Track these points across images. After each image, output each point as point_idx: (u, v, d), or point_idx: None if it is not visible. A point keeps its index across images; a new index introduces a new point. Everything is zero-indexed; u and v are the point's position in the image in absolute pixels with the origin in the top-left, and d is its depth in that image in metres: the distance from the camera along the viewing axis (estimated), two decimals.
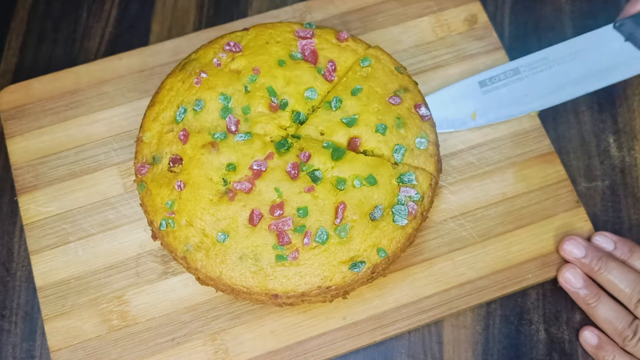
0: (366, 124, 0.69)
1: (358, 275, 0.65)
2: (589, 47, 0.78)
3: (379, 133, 0.68)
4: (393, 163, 0.68)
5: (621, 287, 0.69)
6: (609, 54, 0.77)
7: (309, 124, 0.69)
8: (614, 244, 0.72)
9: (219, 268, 0.65)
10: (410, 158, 0.68)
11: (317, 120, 0.69)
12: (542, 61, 0.78)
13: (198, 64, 0.73)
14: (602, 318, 0.70)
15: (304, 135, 0.69)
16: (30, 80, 0.82)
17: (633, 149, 0.82)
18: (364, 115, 0.69)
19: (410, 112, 0.71)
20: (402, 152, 0.68)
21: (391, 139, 0.69)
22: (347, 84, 0.71)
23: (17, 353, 0.73)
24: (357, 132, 0.68)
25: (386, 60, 0.74)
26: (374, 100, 0.70)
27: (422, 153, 0.69)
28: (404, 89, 0.72)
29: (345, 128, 0.68)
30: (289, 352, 0.70)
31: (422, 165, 0.68)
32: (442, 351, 0.73)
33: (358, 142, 0.68)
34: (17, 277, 0.76)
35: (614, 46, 0.77)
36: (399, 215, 0.66)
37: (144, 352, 0.70)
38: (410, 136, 0.69)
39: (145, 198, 0.69)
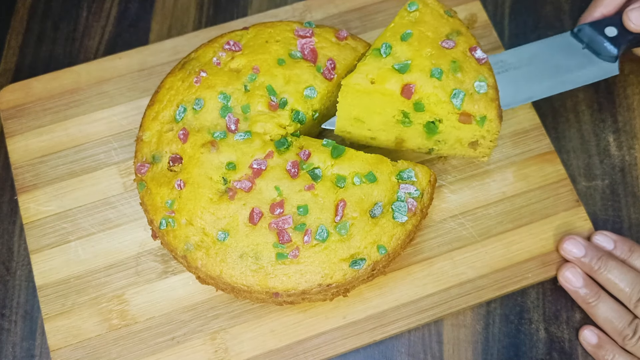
0: (420, 69, 0.65)
1: (358, 273, 0.65)
2: (546, 53, 0.76)
3: (434, 78, 0.65)
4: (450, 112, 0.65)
5: (621, 286, 0.69)
6: (567, 60, 0.76)
7: (357, 72, 0.65)
8: (614, 243, 0.72)
9: (219, 267, 0.65)
10: (470, 103, 0.65)
11: (367, 69, 0.65)
12: (498, 64, 0.76)
13: (198, 63, 0.73)
14: (602, 317, 0.70)
15: (352, 84, 0.66)
16: (30, 80, 0.82)
17: (633, 148, 0.82)
18: (417, 61, 0.66)
19: (465, 55, 0.68)
20: (461, 97, 0.65)
21: (448, 83, 0.65)
22: (395, 29, 0.68)
23: (17, 352, 0.73)
24: (410, 79, 0.65)
25: (434, 5, 0.70)
26: (426, 44, 0.67)
27: (482, 97, 0.66)
28: (456, 32, 0.69)
29: (397, 75, 0.65)
30: (289, 351, 0.70)
31: (483, 111, 0.65)
32: (442, 350, 0.73)
33: (412, 88, 0.65)
34: (17, 276, 0.76)
35: (572, 52, 0.76)
36: (399, 212, 0.66)
37: (144, 351, 0.70)
38: (468, 80, 0.66)
39: (145, 197, 0.69)
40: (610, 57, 0.75)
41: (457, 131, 0.68)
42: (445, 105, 0.65)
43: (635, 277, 0.69)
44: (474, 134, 0.68)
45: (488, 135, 0.68)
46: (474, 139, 0.69)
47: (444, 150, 0.72)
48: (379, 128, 0.70)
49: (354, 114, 0.69)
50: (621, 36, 0.74)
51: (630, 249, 0.71)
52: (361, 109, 0.68)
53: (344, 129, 0.72)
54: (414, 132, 0.70)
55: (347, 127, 0.71)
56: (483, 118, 0.66)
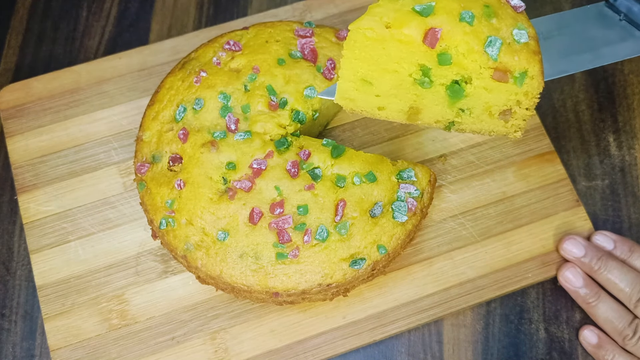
0: (447, 11, 0.54)
1: (358, 273, 0.65)
2: (579, 23, 0.67)
3: (465, 22, 0.54)
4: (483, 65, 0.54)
5: (621, 286, 0.69)
6: (604, 32, 0.67)
7: (369, 14, 0.54)
8: (614, 243, 0.72)
9: (219, 267, 0.65)
10: (509, 54, 0.54)
11: (380, 10, 0.54)
12: None
13: (198, 62, 0.73)
14: (602, 317, 0.70)
15: (362, 30, 0.54)
16: (30, 79, 0.82)
17: (633, 148, 0.82)
18: (443, 3, 0.54)
19: (499, 1, 0.57)
20: (498, 46, 0.54)
21: (481, 30, 0.54)
22: None
23: (17, 352, 0.73)
24: (435, 22, 0.54)
25: None
26: None
27: (523, 48, 0.55)
28: None
29: (419, 18, 0.54)
30: (289, 351, 0.70)
31: (524, 65, 0.54)
32: (442, 350, 0.73)
33: (438, 33, 0.53)
34: (17, 276, 0.76)
35: (608, 24, 0.67)
36: (399, 211, 0.66)
37: (144, 351, 0.70)
38: (505, 28, 0.55)
39: (145, 197, 0.69)
40: None
41: (487, 95, 0.57)
42: (477, 57, 0.54)
43: (635, 277, 0.69)
44: (509, 97, 0.57)
45: (525, 100, 0.57)
46: (507, 105, 0.58)
47: (468, 124, 0.61)
48: (390, 93, 0.59)
49: (361, 72, 0.58)
50: None
51: (630, 249, 0.71)
52: (370, 66, 0.57)
53: (346, 95, 0.60)
54: (433, 97, 0.59)
55: (351, 91, 0.60)
56: (523, 74, 0.55)
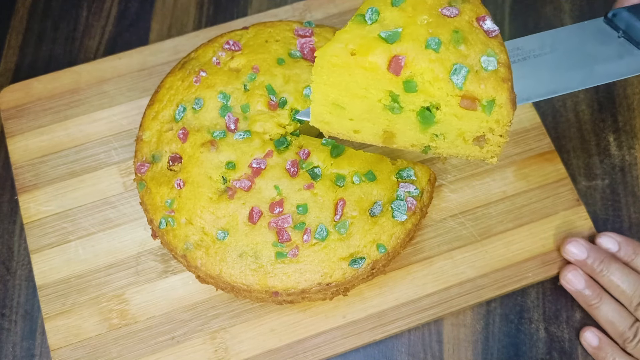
0: (413, 38, 0.53)
1: (358, 272, 0.65)
2: (574, 40, 0.64)
3: (431, 50, 0.53)
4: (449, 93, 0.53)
5: (623, 288, 0.69)
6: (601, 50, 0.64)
7: (335, 41, 0.54)
8: (619, 245, 0.72)
9: (218, 266, 0.65)
10: (475, 82, 0.53)
11: (347, 37, 0.54)
12: (515, 52, 0.64)
13: (197, 62, 0.73)
14: (603, 319, 0.70)
15: (327, 56, 0.53)
16: (31, 80, 0.82)
17: (633, 148, 0.82)
18: (410, 29, 0.53)
19: (471, 25, 0.56)
20: (464, 74, 0.52)
21: (447, 57, 0.53)
22: None
23: (17, 352, 0.73)
24: (400, 49, 0.53)
25: None
26: (422, 11, 0.55)
27: (490, 76, 0.53)
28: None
29: (384, 45, 0.53)
30: (289, 351, 0.70)
31: (491, 93, 0.53)
32: (442, 350, 0.73)
33: (402, 61, 0.52)
34: (17, 276, 0.76)
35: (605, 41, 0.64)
36: (399, 210, 0.66)
37: (144, 351, 0.70)
38: (474, 55, 0.54)
39: (145, 197, 0.69)
40: None
41: (458, 121, 0.56)
42: (443, 84, 0.53)
43: (637, 279, 0.69)
44: (480, 125, 0.56)
45: (497, 127, 0.56)
46: (480, 132, 0.57)
47: (444, 149, 0.60)
48: (362, 117, 0.58)
49: (332, 97, 0.57)
50: None
51: (635, 250, 0.71)
52: (340, 91, 0.56)
53: (321, 118, 0.60)
54: (405, 122, 0.58)
55: (325, 115, 0.59)
56: (491, 102, 0.54)
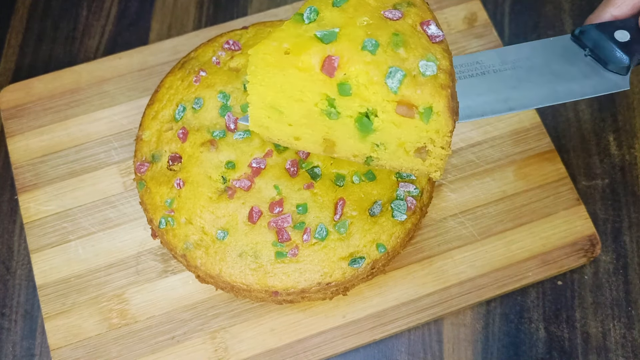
0: (349, 39, 0.51)
1: (358, 271, 0.65)
2: (537, 57, 0.62)
3: (367, 51, 0.50)
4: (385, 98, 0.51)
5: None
6: (564, 68, 0.61)
7: (269, 39, 0.52)
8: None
9: (218, 266, 0.65)
10: (412, 87, 0.50)
11: (281, 35, 0.52)
12: (473, 65, 0.62)
13: (197, 62, 0.73)
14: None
15: (260, 55, 0.52)
16: (31, 79, 0.82)
17: (633, 148, 0.82)
18: (348, 29, 0.51)
19: (414, 30, 0.53)
20: (399, 78, 0.50)
21: (384, 60, 0.51)
22: None
23: (17, 351, 0.73)
24: (335, 50, 0.50)
25: None
26: (364, 12, 0.52)
27: (428, 82, 0.51)
28: (407, 2, 0.54)
29: (320, 44, 0.51)
30: (289, 350, 0.70)
31: (428, 100, 0.50)
32: (442, 349, 0.73)
33: (336, 62, 0.50)
34: (17, 276, 0.76)
35: (570, 59, 0.62)
36: (398, 210, 0.66)
37: (144, 350, 0.70)
38: (413, 59, 0.51)
39: (144, 196, 0.69)
40: (619, 68, 0.61)
41: (397, 130, 0.53)
42: (378, 88, 0.51)
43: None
44: (420, 134, 0.53)
45: (437, 138, 0.53)
46: (421, 142, 0.54)
47: (385, 160, 0.57)
48: (301, 123, 0.56)
49: (269, 99, 0.55)
50: (636, 42, 0.60)
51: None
52: (276, 92, 0.54)
53: (259, 123, 0.57)
54: (344, 130, 0.55)
55: (263, 119, 0.57)
56: (428, 110, 0.51)
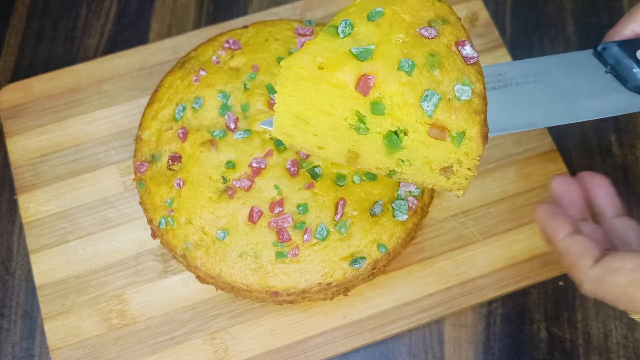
0: (385, 58, 0.49)
1: (358, 272, 0.65)
2: (559, 71, 0.61)
3: (403, 72, 0.49)
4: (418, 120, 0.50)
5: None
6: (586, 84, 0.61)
7: (303, 52, 0.50)
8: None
9: (218, 266, 0.65)
10: (446, 112, 0.49)
11: (316, 49, 0.50)
12: (496, 77, 0.61)
13: (197, 61, 0.73)
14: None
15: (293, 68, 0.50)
16: (30, 79, 0.82)
17: (634, 147, 0.81)
18: (384, 47, 0.50)
19: (449, 50, 0.52)
20: (435, 101, 0.49)
21: (420, 81, 0.49)
22: (362, 5, 0.52)
23: (16, 352, 0.73)
24: (371, 68, 0.49)
25: None
26: (399, 29, 0.51)
27: (463, 106, 0.50)
28: (442, 19, 0.53)
29: (355, 61, 0.49)
30: (289, 351, 0.70)
31: (462, 125, 0.50)
32: (443, 350, 0.72)
33: (371, 81, 0.49)
34: (16, 276, 0.76)
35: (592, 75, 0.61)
36: (399, 210, 0.66)
37: (144, 351, 0.70)
38: (448, 81, 0.50)
39: (144, 196, 0.69)
40: (638, 87, 0.60)
41: (426, 149, 0.53)
42: (412, 110, 0.50)
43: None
44: (448, 155, 0.53)
45: (466, 160, 0.53)
46: (448, 162, 0.53)
47: (409, 175, 0.56)
48: (327, 134, 0.55)
49: (296, 110, 0.54)
50: None
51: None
52: (305, 105, 0.53)
53: (284, 130, 0.56)
54: (370, 144, 0.54)
55: (288, 127, 0.56)
56: (461, 134, 0.50)
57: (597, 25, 0.82)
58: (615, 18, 0.79)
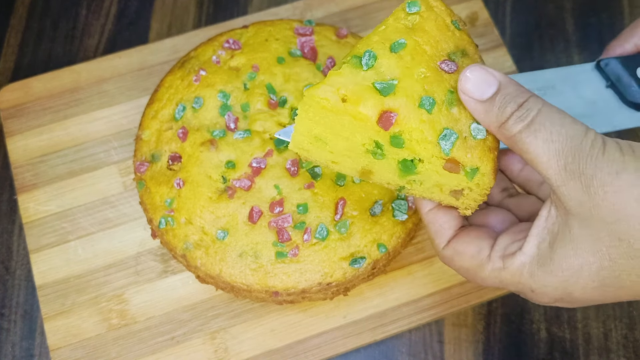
0: (407, 94, 0.50)
1: (358, 271, 0.65)
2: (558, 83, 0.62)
3: (423, 109, 0.50)
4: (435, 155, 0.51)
5: None
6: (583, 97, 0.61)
7: (327, 83, 0.50)
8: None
9: (218, 266, 0.65)
10: (462, 150, 0.50)
11: (340, 81, 0.50)
12: None
13: (197, 61, 0.73)
14: None
15: (317, 99, 0.50)
16: (30, 79, 0.82)
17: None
18: (406, 82, 0.50)
19: None
20: (452, 141, 0.50)
21: (439, 119, 0.50)
22: (385, 35, 0.52)
23: (16, 352, 0.73)
24: (393, 104, 0.49)
25: (440, 10, 0.54)
26: (421, 62, 0.51)
27: (478, 145, 0.51)
28: (461, 51, 0.53)
29: (378, 96, 0.49)
30: (289, 351, 0.70)
31: (476, 162, 0.51)
32: (443, 350, 0.72)
33: (393, 118, 0.49)
34: (16, 276, 0.76)
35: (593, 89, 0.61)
36: (399, 210, 0.66)
37: (144, 351, 0.70)
38: (465, 120, 0.51)
39: (144, 196, 0.69)
40: (635, 105, 0.60)
41: (438, 176, 0.54)
42: (430, 147, 0.51)
43: None
44: (460, 183, 0.54)
45: (476, 189, 0.54)
46: (458, 187, 0.54)
47: (419, 192, 0.57)
48: (343, 154, 0.55)
49: (315, 132, 0.54)
50: None
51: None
52: (325, 129, 0.54)
53: (301, 146, 0.57)
54: (385, 166, 0.55)
55: (305, 144, 0.56)
56: (474, 170, 0.51)
57: (597, 25, 0.82)
58: (615, 18, 0.79)
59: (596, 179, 0.44)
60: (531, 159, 0.47)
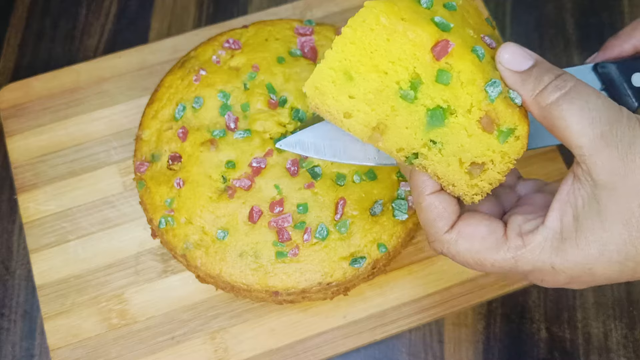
0: (462, 38, 0.49)
1: (359, 271, 0.65)
2: None
3: (475, 56, 0.49)
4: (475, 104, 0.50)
5: None
6: None
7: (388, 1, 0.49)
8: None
9: (218, 266, 0.65)
10: (504, 104, 0.49)
11: (401, 5, 0.49)
12: None
13: (197, 61, 0.73)
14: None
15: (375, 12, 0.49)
16: (30, 79, 0.82)
17: None
18: (460, 30, 0.50)
19: None
20: (498, 90, 0.49)
21: (488, 69, 0.50)
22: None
23: (16, 351, 0.73)
24: (450, 40, 0.49)
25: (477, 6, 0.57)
26: (468, 25, 0.52)
27: (517, 107, 0.50)
28: (497, 38, 0.54)
29: (434, 28, 0.49)
30: (289, 351, 0.70)
31: (515, 122, 0.50)
32: (443, 350, 0.72)
33: (451, 47, 0.48)
34: (16, 276, 0.76)
35: None
36: (399, 210, 0.66)
37: (144, 351, 0.70)
38: (504, 85, 0.50)
39: (144, 196, 0.69)
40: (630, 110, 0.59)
41: (465, 138, 0.51)
42: (475, 91, 0.50)
43: None
44: (485, 151, 0.51)
45: (501, 161, 0.52)
46: (482, 158, 0.52)
47: (432, 162, 0.53)
48: (366, 97, 0.52)
49: (348, 62, 0.51)
50: None
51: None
52: (362, 57, 0.50)
53: (317, 84, 0.52)
54: (408, 117, 0.52)
55: (324, 82, 0.52)
56: (510, 130, 0.50)
57: (597, 25, 0.81)
58: (615, 18, 0.79)
59: (634, 145, 0.45)
60: (564, 128, 0.47)
